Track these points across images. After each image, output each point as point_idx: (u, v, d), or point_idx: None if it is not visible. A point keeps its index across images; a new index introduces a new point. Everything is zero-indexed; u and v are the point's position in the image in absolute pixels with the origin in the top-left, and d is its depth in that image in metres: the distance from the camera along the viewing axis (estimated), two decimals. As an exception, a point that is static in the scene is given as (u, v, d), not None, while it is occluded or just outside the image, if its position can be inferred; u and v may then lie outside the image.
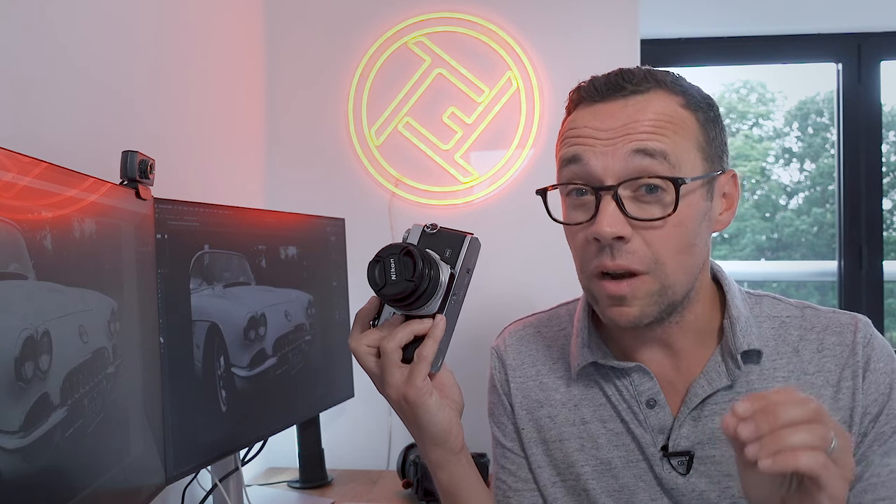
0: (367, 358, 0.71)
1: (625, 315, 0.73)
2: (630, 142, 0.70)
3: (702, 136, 0.74)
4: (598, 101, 0.74)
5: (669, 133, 0.71)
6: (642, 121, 0.71)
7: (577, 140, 0.74)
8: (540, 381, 0.87)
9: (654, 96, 0.73)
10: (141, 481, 0.89)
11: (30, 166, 0.66)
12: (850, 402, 0.75)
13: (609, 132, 0.71)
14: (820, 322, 0.80)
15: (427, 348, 0.68)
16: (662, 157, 0.70)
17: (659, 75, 0.75)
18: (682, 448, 0.78)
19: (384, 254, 0.66)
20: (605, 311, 0.75)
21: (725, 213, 0.78)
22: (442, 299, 0.69)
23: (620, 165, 0.70)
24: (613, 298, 0.73)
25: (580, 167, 0.73)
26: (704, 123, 0.74)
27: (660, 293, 0.72)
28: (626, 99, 0.73)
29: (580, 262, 0.76)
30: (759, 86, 2.72)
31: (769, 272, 2.63)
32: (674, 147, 0.71)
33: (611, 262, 0.71)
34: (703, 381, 0.77)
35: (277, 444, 1.61)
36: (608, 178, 0.71)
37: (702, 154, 0.73)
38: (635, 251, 0.71)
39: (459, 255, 0.69)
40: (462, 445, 0.75)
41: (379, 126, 1.74)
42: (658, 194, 0.71)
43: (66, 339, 0.70)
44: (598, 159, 0.71)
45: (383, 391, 0.71)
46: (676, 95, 0.74)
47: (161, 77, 1.30)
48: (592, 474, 0.82)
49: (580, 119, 0.75)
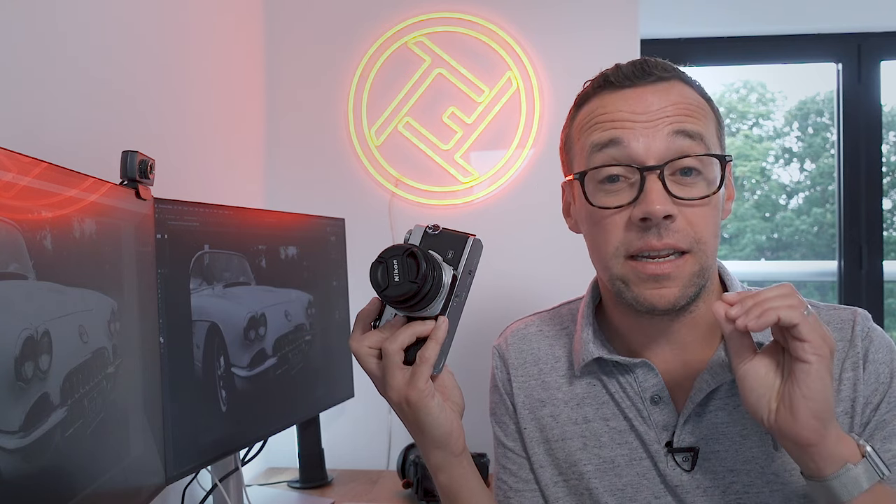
0: (368, 359, 0.71)
1: (664, 297, 0.73)
2: (670, 123, 0.73)
3: (716, 124, 0.78)
4: (626, 87, 0.75)
5: (700, 117, 0.75)
6: (678, 104, 0.74)
7: (612, 124, 0.74)
8: (542, 379, 0.87)
9: (676, 84, 0.76)
10: (141, 481, 0.89)
11: (30, 166, 0.66)
12: (851, 394, 0.76)
13: (647, 115, 0.73)
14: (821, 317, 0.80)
15: (429, 350, 0.68)
16: (700, 138, 0.73)
17: (674, 67, 0.78)
18: (687, 444, 0.78)
19: (387, 255, 0.66)
20: (642, 293, 0.74)
21: (728, 202, 0.81)
22: (444, 301, 0.68)
23: (663, 146, 0.72)
24: (654, 279, 0.73)
25: (619, 150, 0.73)
26: (716, 113, 0.79)
27: (699, 275, 0.74)
28: (655, 85, 0.75)
29: (613, 245, 0.75)
30: (759, 86, 2.72)
31: (769, 272, 2.63)
32: (705, 130, 0.74)
33: (658, 242, 0.72)
34: (708, 376, 0.77)
35: (277, 444, 1.61)
36: (650, 158, 0.72)
37: (719, 142, 0.78)
38: (680, 230, 0.72)
39: (462, 256, 0.69)
40: (463, 447, 0.75)
41: (379, 126, 1.74)
42: (693, 176, 0.73)
43: (66, 339, 0.70)
44: (640, 141, 0.73)
45: (384, 393, 0.71)
46: (691, 86, 0.78)
47: (161, 77, 1.30)
48: (595, 473, 0.82)
49: (610, 104, 0.76)
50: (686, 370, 0.80)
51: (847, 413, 0.75)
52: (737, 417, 0.77)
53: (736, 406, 0.77)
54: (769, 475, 0.76)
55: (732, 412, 0.77)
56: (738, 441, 0.77)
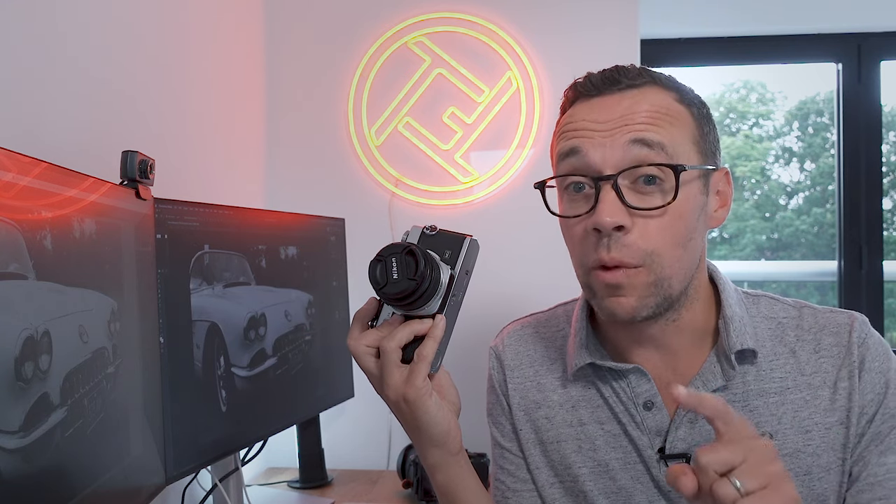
0: (366, 358, 0.71)
1: (622, 305, 0.73)
2: (628, 132, 0.71)
3: (696, 130, 0.75)
4: (594, 96, 0.75)
5: (666, 125, 0.72)
6: (639, 112, 0.72)
7: (574, 133, 0.74)
8: (538, 381, 0.87)
9: (649, 90, 0.74)
10: (141, 481, 0.89)
11: (30, 166, 0.66)
12: (846, 403, 0.75)
13: (606, 123, 0.72)
14: (817, 322, 0.80)
15: (427, 348, 0.68)
16: (660, 147, 0.71)
17: (653, 72, 0.76)
18: (679, 450, 0.77)
19: (386, 253, 0.66)
20: (603, 302, 0.74)
21: (720, 209, 0.79)
22: (442, 300, 0.69)
23: (619, 155, 0.71)
24: (610, 288, 0.73)
25: (578, 159, 0.73)
26: (698, 118, 0.76)
27: (655, 285, 0.72)
28: (623, 93, 0.74)
29: (578, 256, 0.76)
30: (759, 86, 2.72)
31: (769, 272, 2.62)
32: (671, 138, 0.72)
33: (606, 255, 0.71)
34: (699, 383, 0.77)
35: (277, 444, 1.61)
36: (607, 168, 0.71)
37: (697, 148, 0.74)
38: (630, 244, 0.71)
39: (459, 256, 0.70)
40: (460, 446, 0.75)
41: (379, 126, 1.74)
42: (656, 185, 0.71)
43: (66, 339, 0.70)
44: (597, 150, 0.72)
45: (382, 392, 0.71)
46: (670, 91, 0.75)
47: (161, 77, 1.30)
48: (590, 476, 0.82)
49: (577, 114, 0.76)
50: (677, 375, 0.79)
51: (843, 423, 0.75)
52: None
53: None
54: None
55: None
56: None
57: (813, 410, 0.76)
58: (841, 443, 0.75)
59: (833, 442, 0.75)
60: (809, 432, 0.75)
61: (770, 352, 0.78)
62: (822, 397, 0.76)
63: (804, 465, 0.75)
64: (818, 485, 0.75)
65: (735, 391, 0.77)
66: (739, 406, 0.77)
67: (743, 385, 0.77)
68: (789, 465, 0.75)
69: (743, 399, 0.77)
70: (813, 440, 0.75)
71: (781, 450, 0.75)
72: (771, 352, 0.78)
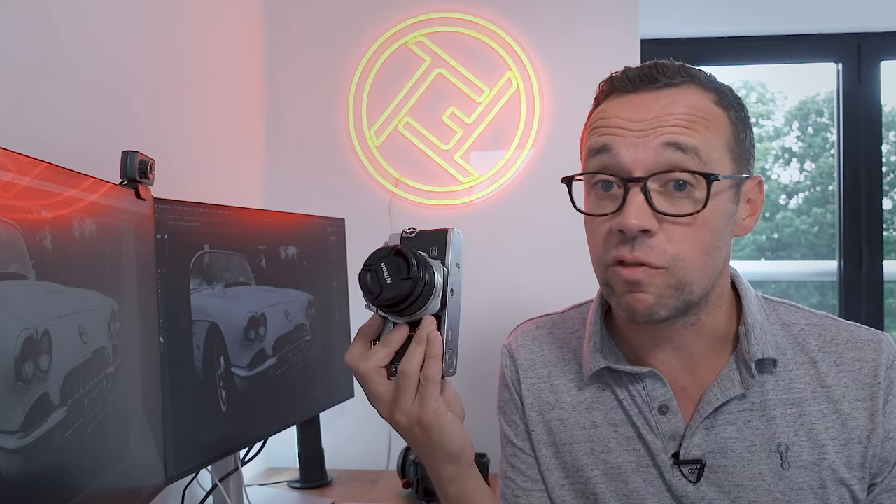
0: (374, 380, 0.66)
1: (641, 301, 0.70)
2: (662, 134, 0.69)
3: (732, 136, 0.72)
4: (630, 92, 0.73)
5: (701, 129, 0.70)
6: (675, 114, 0.69)
7: (607, 130, 0.72)
8: (551, 382, 0.86)
9: (687, 90, 0.71)
10: (141, 481, 0.89)
11: (30, 166, 0.66)
12: (868, 423, 0.74)
13: (641, 123, 0.70)
14: (840, 335, 0.78)
15: (432, 369, 0.65)
16: (694, 152, 0.68)
17: (693, 71, 0.74)
18: (694, 456, 0.76)
19: (373, 260, 0.64)
20: (622, 299, 0.72)
21: (749, 218, 0.77)
22: (441, 297, 0.66)
23: (651, 158, 0.69)
24: (629, 284, 0.71)
25: (609, 157, 0.71)
26: (736, 123, 0.73)
27: (676, 288, 0.70)
28: (660, 91, 0.71)
29: (599, 252, 0.74)
30: (759, 86, 2.72)
31: (769, 272, 2.62)
32: (705, 143, 0.69)
33: (629, 254, 0.69)
34: (717, 390, 0.76)
35: (277, 444, 1.61)
36: (637, 169, 0.69)
37: (731, 154, 0.72)
38: (655, 246, 0.69)
39: (446, 250, 0.67)
40: (473, 458, 0.74)
41: (379, 126, 1.74)
42: (687, 190, 0.69)
43: (66, 339, 0.70)
44: (629, 150, 0.69)
45: (391, 416, 0.67)
46: (710, 92, 0.72)
47: (161, 77, 1.30)
48: (602, 478, 0.81)
49: (611, 109, 0.73)
50: (695, 380, 0.78)
51: (861, 442, 0.74)
52: (745, 433, 0.76)
53: (746, 421, 0.76)
54: (776, 493, 0.75)
55: (742, 427, 0.76)
56: (746, 457, 0.76)
57: (830, 424, 0.75)
58: (858, 462, 0.74)
59: (849, 459, 0.74)
60: (825, 446, 0.75)
61: (790, 360, 0.77)
62: (840, 412, 0.75)
63: (819, 479, 0.74)
64: (833, 499, 0.74)
65: (753, 400, 0.76)
66: (757, 416, 0.76)
67: (762, 394, 0.76)
68: (804, 477, 0.75)
69: (761, 409, 0.76)
70: (828, 454, 0.74)
71: (797, 462, 0.75)
72: (791, 360, 0.77)
